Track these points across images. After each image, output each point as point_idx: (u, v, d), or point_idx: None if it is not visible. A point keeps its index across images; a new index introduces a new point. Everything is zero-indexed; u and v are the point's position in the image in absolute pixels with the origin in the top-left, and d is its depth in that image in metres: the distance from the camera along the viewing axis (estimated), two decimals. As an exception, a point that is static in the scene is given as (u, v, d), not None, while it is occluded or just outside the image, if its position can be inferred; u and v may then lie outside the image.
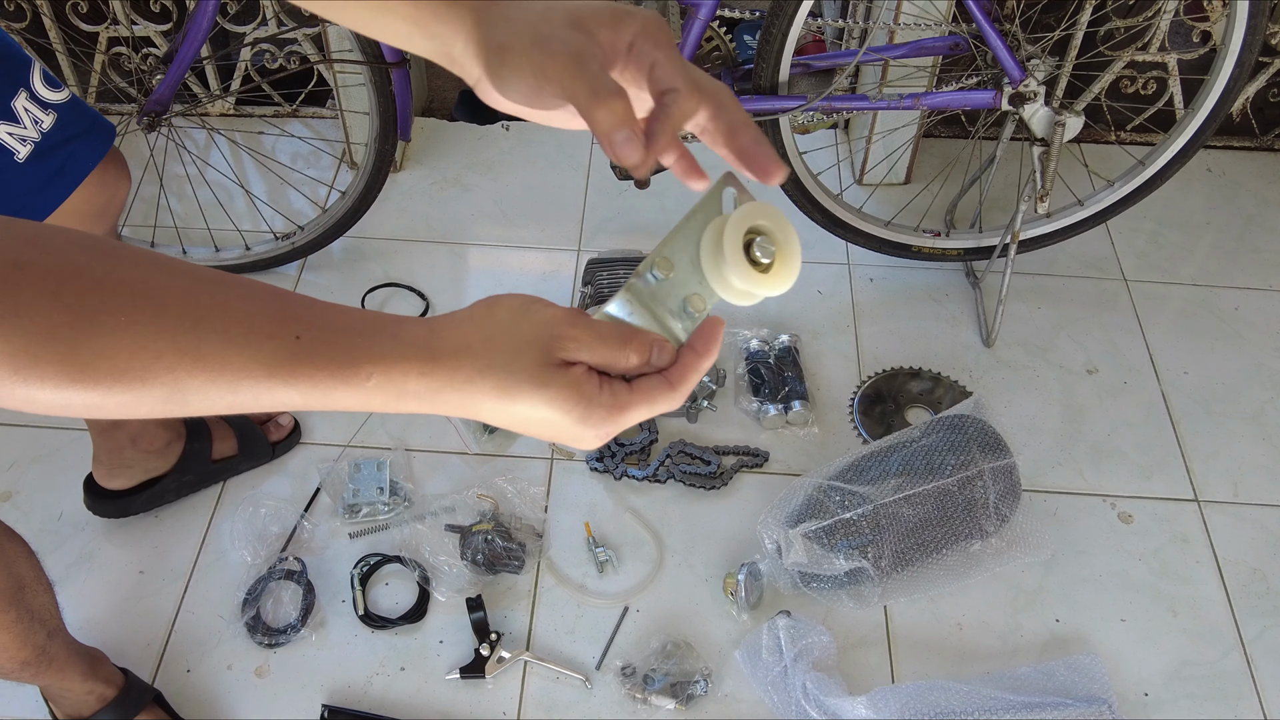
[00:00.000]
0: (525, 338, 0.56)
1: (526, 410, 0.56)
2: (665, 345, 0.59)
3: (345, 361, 0.53)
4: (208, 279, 0.53)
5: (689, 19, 1.58)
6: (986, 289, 1.95)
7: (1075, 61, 1.76)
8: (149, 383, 0.50)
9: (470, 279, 1.98)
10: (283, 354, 0.52)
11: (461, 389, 0.55)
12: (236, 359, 0.51)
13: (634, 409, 0.58)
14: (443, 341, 0.55)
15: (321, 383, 0.53)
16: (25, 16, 2.06)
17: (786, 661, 1.38)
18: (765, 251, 0.60)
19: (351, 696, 1.41)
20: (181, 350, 0.50)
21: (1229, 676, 1.46)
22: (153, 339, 0.49)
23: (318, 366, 0.53)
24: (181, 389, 0.51)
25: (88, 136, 1.16)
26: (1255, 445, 1.73)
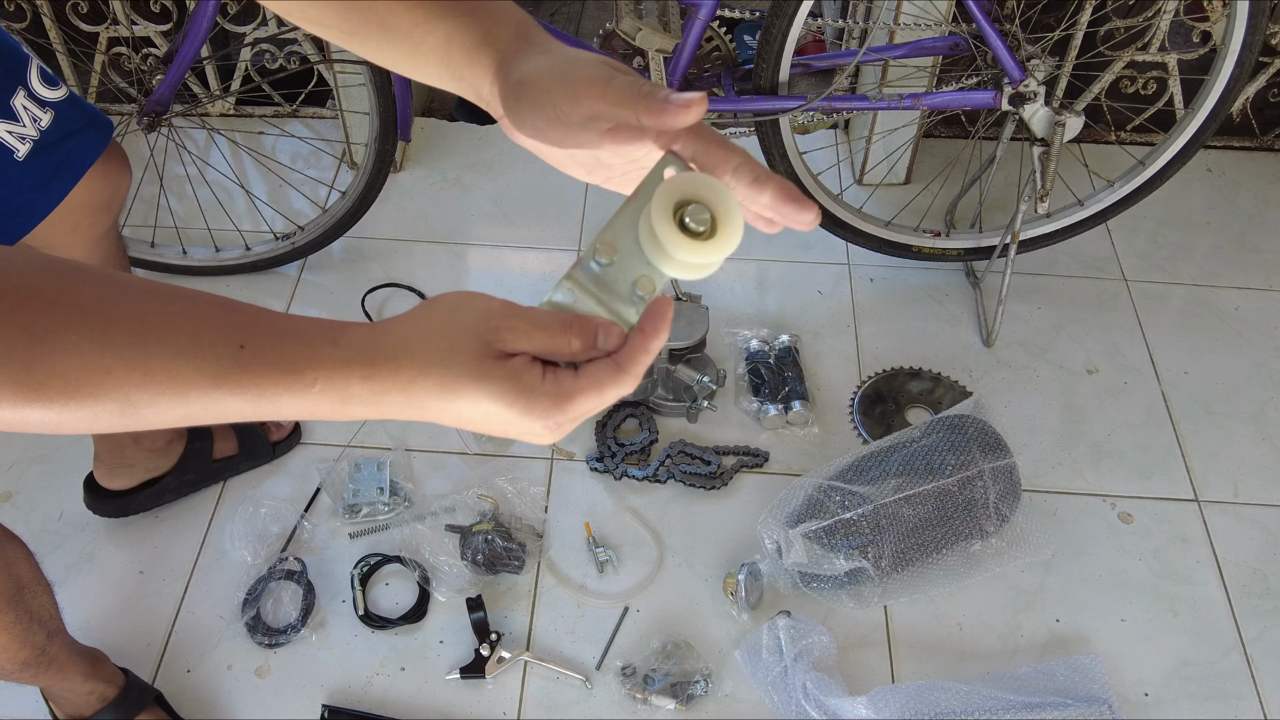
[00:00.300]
0: (462, 332, 0.55)
1: (469, 406, 0.56)
2: (612, 328, 0.57)
3: (289, 368, 0.54)
4: (156, 293, 0.54)
5: (689, 19, 1.58)
6: (986, 289, 1.95)
7: (1075, 61, 1.76)
8: (101, 399, 0.51)
9: (470, 279, 1.98)
10: (227, 363, 0.53)
11: (405, 389, 0.55)
12: (183, 371, 0.52)
13: (581, 396, 0.56)
14: (384, 343, 0.55)
15: (267, 390, 0.54)
16: (25, 16, 2.06)
17: (786, 661, 1.38)
18: (698, 219, 0.58)
19: (351, 696, 1.41)
20: (130, 365, 0.51)
21: (1229, 676, 1.46)
22: (101, 355, 0.51)
23: (261, 375, 0.53)
24: (133, 403, 0.52)
25: (87, 132, 1.17)
26: (1255, 445, 1.73)
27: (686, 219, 0.58)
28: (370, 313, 1.89)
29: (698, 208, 0.58)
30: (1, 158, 1.08)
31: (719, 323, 1.85)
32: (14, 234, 1.14)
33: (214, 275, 1.95)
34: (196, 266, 1.93)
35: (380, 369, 0.55)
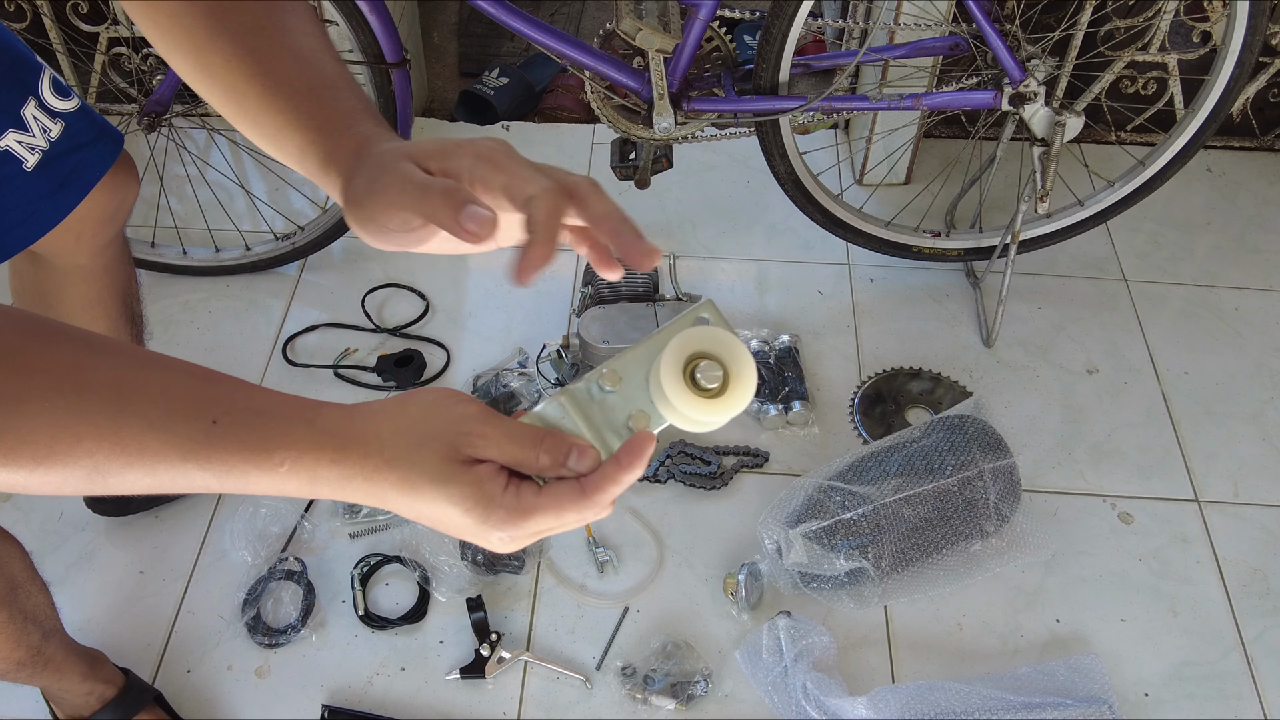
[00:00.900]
0: (433, 432, 0.55)
1: (428, 506, 0.56)
2: (587, 451, 0.57)
3: (259, 447, 0.54)
4: (133, 360, 0.54)
5: (689, 19, 1.58)
6: (986, 289, 1.95)
7: (1075, 62, 1.76)
8: (71, 465, 0.51)
9: (470, 279, 1.98)
10: (199, 438, 0.53)
11: (370, 478, 0.55)
12: (153, 443, 0.52)
13: (539, 514, 0.56)
14: (356, 430, 0.55)
15: (235, 468, 0.54)
16: (25, 17, 2.06)
17: (787, 662, 1.38)
18: (709, 377, 0.57)
19: (352, 697, 1.41)
20: (101, 434, 0.51)
21: (1229, 676, 1.46)
22: (74, 422, 0.51)
23: (231, 452, 0.53)
24: (102, 471, 0.52)
25: (96, 145, 1.15)
26: (1255, 445, 1.73)
27: (698, 375, 0.58)
28: (370, 313, 1.89)
29: (711, 364, 0.58)
30: (10, 167, 1.07)
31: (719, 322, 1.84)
32: (18, 243, 1.13)
33: (214, 275, 1.95)
34: (196, 267, 1.93)
35: (349, 455, 0.55)
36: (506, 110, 2.31)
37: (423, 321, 1.89)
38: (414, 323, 1.88)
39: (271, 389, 0.56)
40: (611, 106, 1.70)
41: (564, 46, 1.62)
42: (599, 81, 1.67)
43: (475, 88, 2.33)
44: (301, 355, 1.84)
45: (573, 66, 1.66)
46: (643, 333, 1.64)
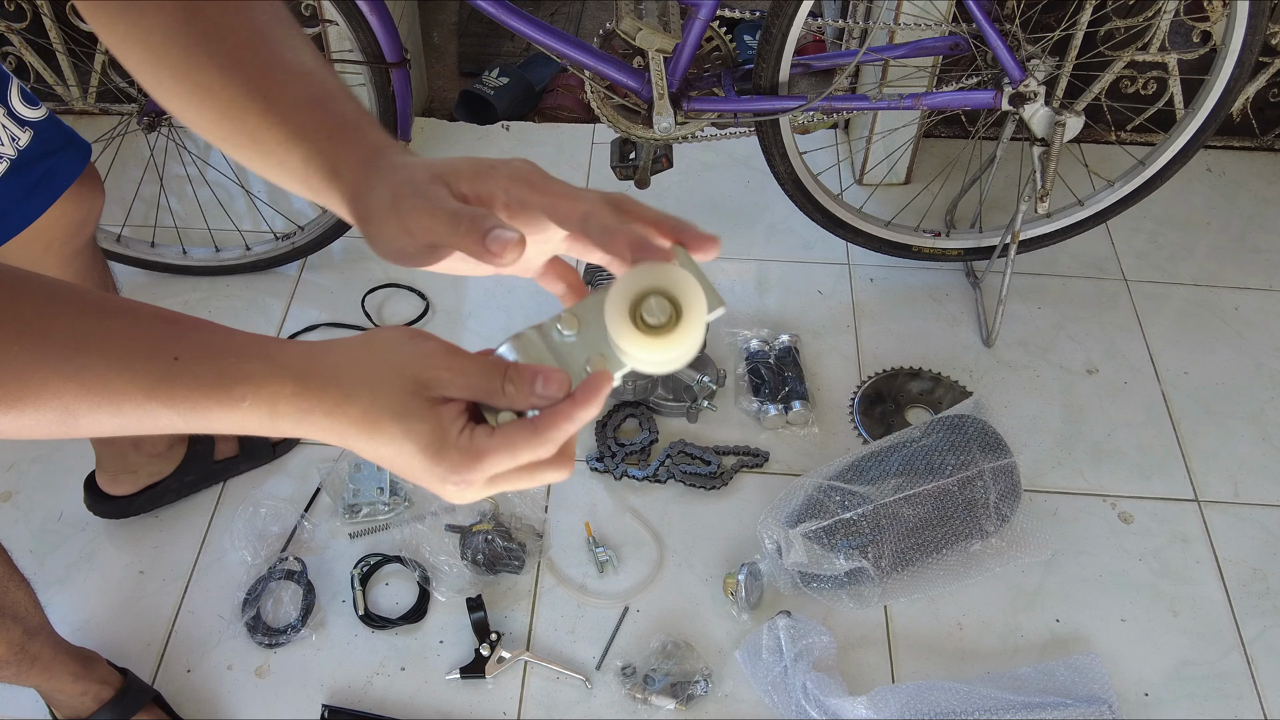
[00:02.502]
0: (396, 367, 0.54)
1: (386, 444, 0.54)
2: (553, 374, 0.55)
3: (218, 383, 0.54)
4: (96, 308, 0.54)
5: (689, 19, 1.58)
6: (986, 289, 1.95)
7: (1075, 61, 1.76)
8: (41, 407, 0.52)
9: (470, 279, 1.98)
10: (159, 375, 0.53)
11: (330, 413, 0.54)
12: (116, 382, 0.53)
13: (492, 455, 0.54)
14: (317, 365, 0.55)
15: (198, 404, 0.54)
16: (25, 16, 2.06)
17: (786, 661, 1.38)
18: (654, 313, 0.54)
19: (351, 696, 1.41)
20: (66, 376, 0.52)
21: (1229, 676, 1.46)
22: (39, 366, 0.52)
23: (192, 389, 0.53)
24: (71, 412, 0.53)
25: (64, 153, 1.18)
26: (1255, 445, 1.73)
27: (643, 311, 0.54)
28: (370, 313, 1.89)
29: (659, 301, 0.55)
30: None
31: (719, 323, 1.85)
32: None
33: (214, 275, 1.95)
34: (196, 266, 1.93)
35: (309, 389, 0.54)
36: (506, 110, 2.31)
37: (423, 321, 1.89)
38: (414, 322, 1.88)
39: (235, 328, 0.55)
40: (611, 106, 1.70)
41: (564, 46, 1.62)
42: (599, 81, 1.67)
43: (475, 87, 2.33)
44: (301, 355, 1.83)
45: (573, 66, 1.66)
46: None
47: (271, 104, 0.61)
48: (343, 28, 1.66)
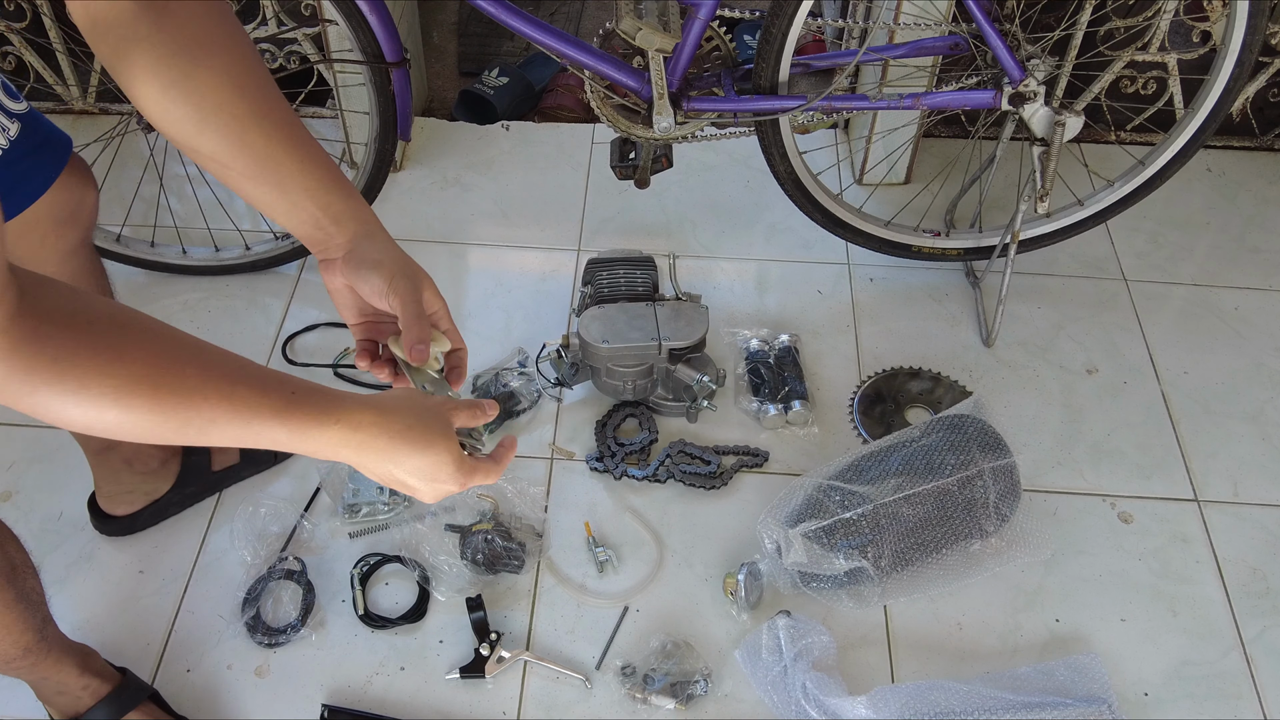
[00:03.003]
0: (432, 408, 0.88)
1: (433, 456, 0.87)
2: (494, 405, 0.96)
3: (322, 411, 0.81)
4: (234, 356, 0.79)
5: (689, 19, 1.58)
6: (986, 289, 1.95)
7: (1075, 61, 1.76)
8: (193, 418, 0.75)
9: (470, 279, 1.98)
10: (284, 402, 0.79)
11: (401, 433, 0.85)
12: (256, 404, 0.77)
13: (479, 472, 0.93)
14: (387, 402, 0.85)
15: (305, 425, 0.80)
16: (25, 16, 2.06)
17: (786, 661, 1.38)
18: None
19: (351, 696, 1.41)
20: (222, 395, 0.75)
21: (1229, 676, 1.46)
22: (203, 386, 0.75)
23: (304, 414, 0.80)
24: (215, 423, 0.76)
25: (48, 145, 1.19)
26: (1255, 445, 1.73)
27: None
28: (370, 312, 1.89)
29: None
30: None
31: (719, 322, 1.85)
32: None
33: (214, 275, 1.95)
34: (196, 266, 1.93)
35: (385, 417, 0.84)
36: (506, 110, 2.31)
37: (422, 321, 1.89)
38: (414, 322, 1.88)
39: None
40: (611, 106, 1.70)
41: (564, 46, 1.62)
42: (599, 81, 1.67)
43: (475, 87, 2.33)
44: (301, 354, 1.84)
45: (573, 66, 1.66)
46: (642, 332, 1.64)
47: (304, 161, 0.87)
48: (343, 27, 1.66)
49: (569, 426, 1.73)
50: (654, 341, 1.64)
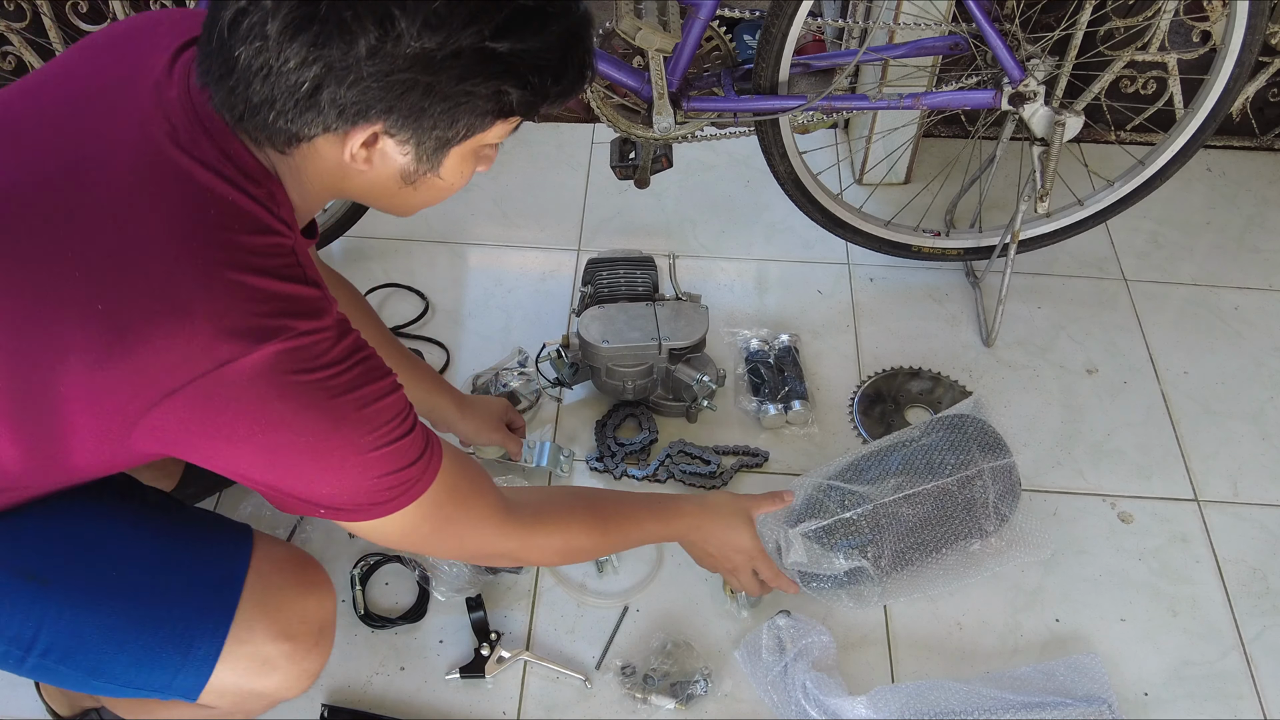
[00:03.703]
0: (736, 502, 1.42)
1: (741, 534, 1.39)
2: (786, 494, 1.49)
3: (675, 511, 1.36)
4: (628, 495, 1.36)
5: (689, 19, 1.58)
6: (986, 289, 1.95)
7: (1075, 61, 1.76)
8: (620, 535, 1.29)
9: (470, 279, 1.98)
10: (659, 513, 1.34)
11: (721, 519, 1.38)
12: (649, 523, 1.33)
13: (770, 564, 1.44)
14: (707, 500, 1.40)
15: (668, 518, 1.35)
16: (25, 16, 2.06)
17: (786, 661, 1.38)
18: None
19: (351, 696, 1.41)
20: (635, 523, 1.31)
21: (1229, 676, 1.46)
22: (634, 526, 1.31)
23: (668, 517, 1.34)
24: (629, 534, 1.31)
25: None
26: (1255, 445, 1.73)
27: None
28: (370, 312, 1.89)
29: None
30: None
31: (719, 322, 1.85)
32: None
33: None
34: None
35: (704, 507, 1.38)
36: (506, 110, 2.30)
37: (422, 321, 1.89)
38: (414, 322, 1.88)
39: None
40: (611, 106, 1.70)
41: (564, 46, 1.62)
42: (599, 81, 1.67)
43: (475, 87, 2.33)
44: (301, 355, 1.83)
45: (572, 66, 1.66)
46: (642, 332, 1.64)
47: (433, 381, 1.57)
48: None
49: (569, 426, 1.73)
50: (654, 341, 1.64)
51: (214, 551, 1.09)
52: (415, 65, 0.81)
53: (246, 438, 0.88)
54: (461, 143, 0.91)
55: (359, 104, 0.83)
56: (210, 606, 1.06)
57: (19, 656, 1.01)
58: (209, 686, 1.06)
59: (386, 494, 0.98)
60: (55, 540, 1.02)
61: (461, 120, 0.87)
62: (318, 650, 1.15)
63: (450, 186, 0.97)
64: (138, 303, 0.85)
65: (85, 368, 0.85)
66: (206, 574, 1.08)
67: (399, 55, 0.81)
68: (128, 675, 1.04)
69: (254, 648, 1.07)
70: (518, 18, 0.83)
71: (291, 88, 0.82)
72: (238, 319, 0.85)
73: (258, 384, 0.86)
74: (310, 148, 0.89)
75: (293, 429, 0.89)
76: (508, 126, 0.92)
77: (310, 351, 0.88)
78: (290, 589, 1.12)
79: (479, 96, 0.85)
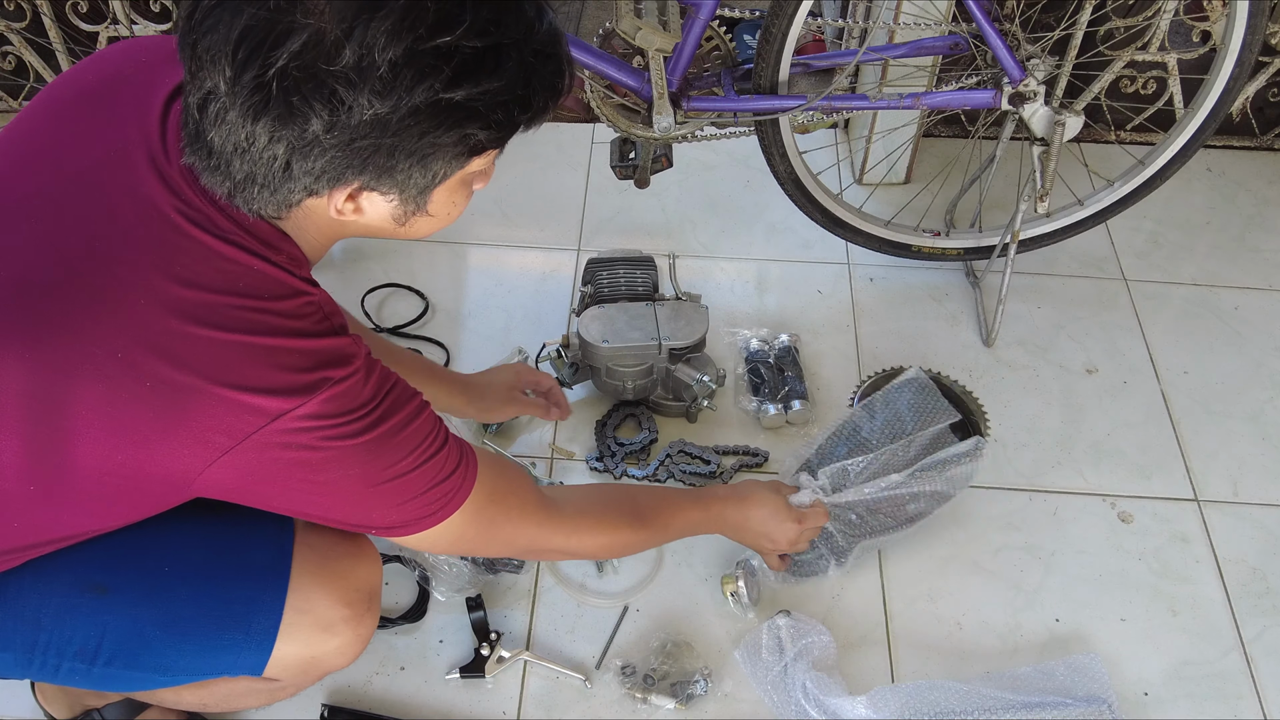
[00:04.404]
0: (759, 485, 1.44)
1: (769, 504, 1.41)
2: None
3: (711, 500, 1.40)
4: (665, 489, 1.53)
5: (689, 19, 1.58)
6: (986, 289, 1.95)
7: (1075, 61, 1.76)
8: (661, 526, 1.34)
9: (470, 279, 1.98)
10: (698, 501, 1.39)
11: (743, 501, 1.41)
12: (690, 510, 1.38)
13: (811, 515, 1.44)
14: (737, 490, 1.42)
15: (709, 508, 1.39)
16: (25, 16, 2.06)
17: (786, 661, 1.38)
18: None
19: (351, 696, 1.41)
20: (675, 512, 1.36)
21: (1229, 676, 1.46)
22: (675, 515, 1.36)
23: (707, 501, 1.39)
24: (669, 525, 1.36)
25: None
26: (1255, 445, 1.73)
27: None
28: (370, 312, 1.89)
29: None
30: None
31: (719, 322, 1.85)
32: None
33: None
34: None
35: (735, 492, 1.42)
36: (506, 110, 2.30)
37: (422, 321, 1.89)
38: (413, 322, 1.88)
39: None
40: (611, 105, 1.70)
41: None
42: (599, 81, 1.67)
43: (475, 87, 2.32)
44: (301, 355, 1.83)
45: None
46: (642, 332, 1.64)
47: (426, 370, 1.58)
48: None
49: (569, 426, 1.73)
50: (654, 341, 1.64)
51: (260, 533, 1.13)
52: (374, 131, 0.82)
53: (301, 481, 0.94)
54: (443, 183, 0.92)
55: (330, 172, 0.85)
56: (265, 584, 1.11)
57: (84, 669, 1.06)
58: (273, 659, 1.11)
59: (430, 508, 1.03)
60: (111, 548, 1.06)
61: (434, 167, 0.88)
62: (370, 614, 1.19)
63: (447, 216, 0.98)
64: (180, 380, 0.88)
65: (140, 444, 0.89)
66: (255, 554, 1.12)
67: (355, 125, 0.81)
68: (195, 664, 1.10)
69: (315, 615, 1.13)
70: (470, 63, 0.82)
71: (267, 163, 0.84)
72: (284, 378, 0.90)
73: (307, 434, 0.91)
74: (301, 210, 0.92)
75: (342, 467, 0.95)
76: (488, 157, 0.93)
77: (349, 396, 0.93)
78: (343, 558, 1.17)
79: (445, 145, 0.86)
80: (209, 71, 0.80)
